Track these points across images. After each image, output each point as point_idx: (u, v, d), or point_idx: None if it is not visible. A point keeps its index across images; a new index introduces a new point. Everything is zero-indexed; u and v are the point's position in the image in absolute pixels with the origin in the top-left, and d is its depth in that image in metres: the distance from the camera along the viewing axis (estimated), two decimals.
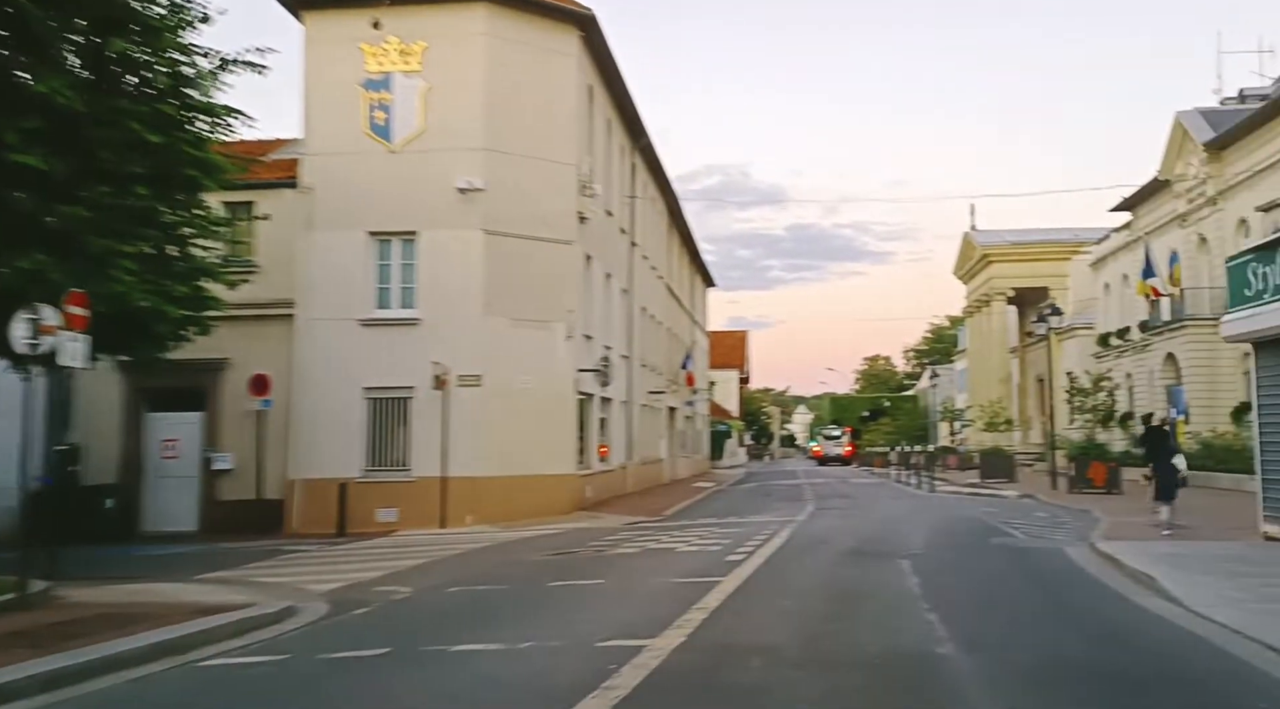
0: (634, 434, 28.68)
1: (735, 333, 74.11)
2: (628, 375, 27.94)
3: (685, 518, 20.88)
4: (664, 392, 32.35)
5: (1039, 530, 16.75)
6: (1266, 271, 12.88)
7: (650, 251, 32.56)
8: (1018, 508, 22.28)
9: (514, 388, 20.61)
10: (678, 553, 13.92)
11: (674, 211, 37.81)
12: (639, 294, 29.83)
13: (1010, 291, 51.40)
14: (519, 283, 20.73)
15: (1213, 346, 32.97)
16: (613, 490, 25.58)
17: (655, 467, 33.51)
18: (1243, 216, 31.90)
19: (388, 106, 20.44)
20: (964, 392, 63.95)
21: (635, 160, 29.10)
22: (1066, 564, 12.20)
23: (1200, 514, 18.54)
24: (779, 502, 25.83)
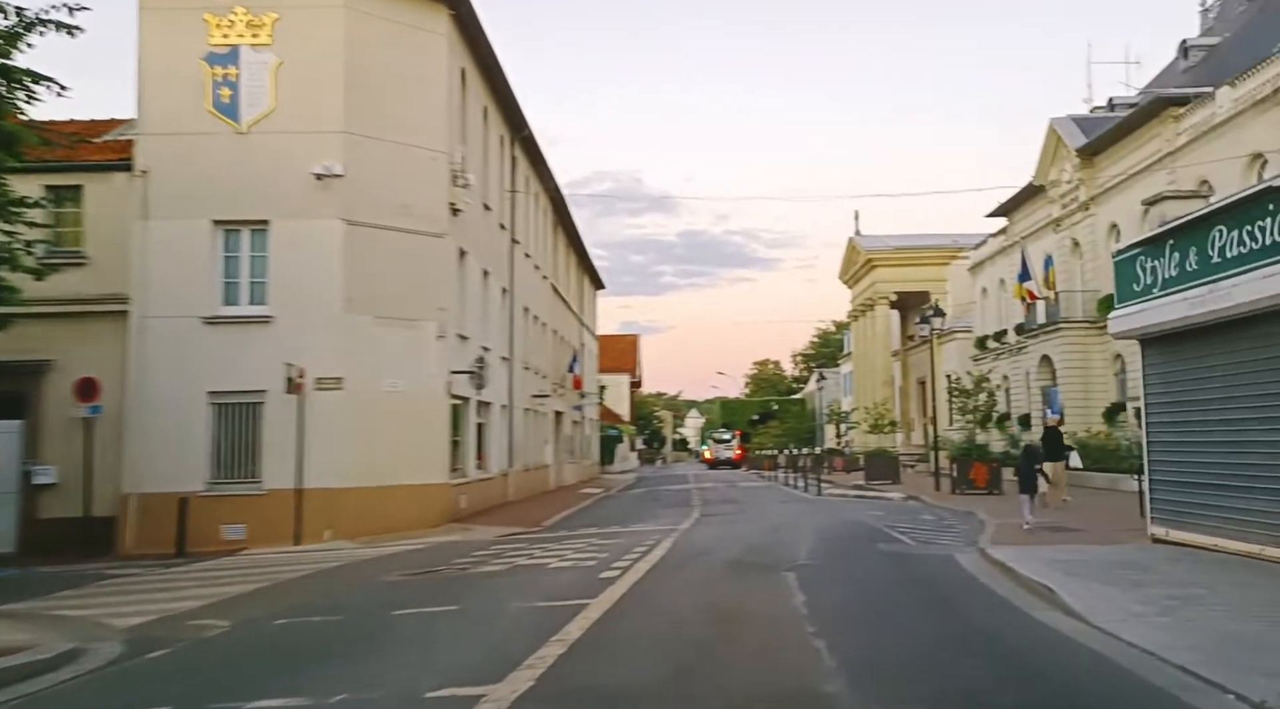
0: (516, 440, 27.19)
1: (626, 337, 73.17)
2: (508, 378, 26.46)
3: (565, 528, 19.55)
4: (549, 395, 30.94)
5: (926, 535, 16.06)
6: (1155, 265, 12.39)
7: (534, 250, 31.13)
8: (904, 511, 21.75)
9: (379, 391, 18.93)
10: (548, 570, 12.58)
11: (560, 211, 36.47)
12: (521, 293, 28.38)
13: (893, 296, 51.90)
14: (385, 278, 19.07)
15: (1086, 348, 33.60)
16: (491, 500, 24.05)
17: (540, 473, 32.06)
18: (1114, 221, 32.53)
19: (234, 83, 18.49)
20: (849, 394, 64.54)
21: (516, 153, 27.65)
22: (959, 573, 11.38)
23: (1084, 514, 18.24)
24: (665, 508, 24.75)
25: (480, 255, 23.09)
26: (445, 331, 19.87)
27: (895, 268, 51.44)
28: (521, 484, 27.89)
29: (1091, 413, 32.99)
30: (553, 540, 16.59)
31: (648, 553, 13.65)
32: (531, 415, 30.19)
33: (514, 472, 26.80)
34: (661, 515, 21.73)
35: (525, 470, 28.98)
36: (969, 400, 27.03)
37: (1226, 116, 25.61)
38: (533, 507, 24.90)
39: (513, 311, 26.79)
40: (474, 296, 22.57)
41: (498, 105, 25.22)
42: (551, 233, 35.33)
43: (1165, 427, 12.82)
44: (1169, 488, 12.75)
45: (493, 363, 24.23)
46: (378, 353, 18.90)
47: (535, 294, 31.29)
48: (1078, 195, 34.53)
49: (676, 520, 19.86)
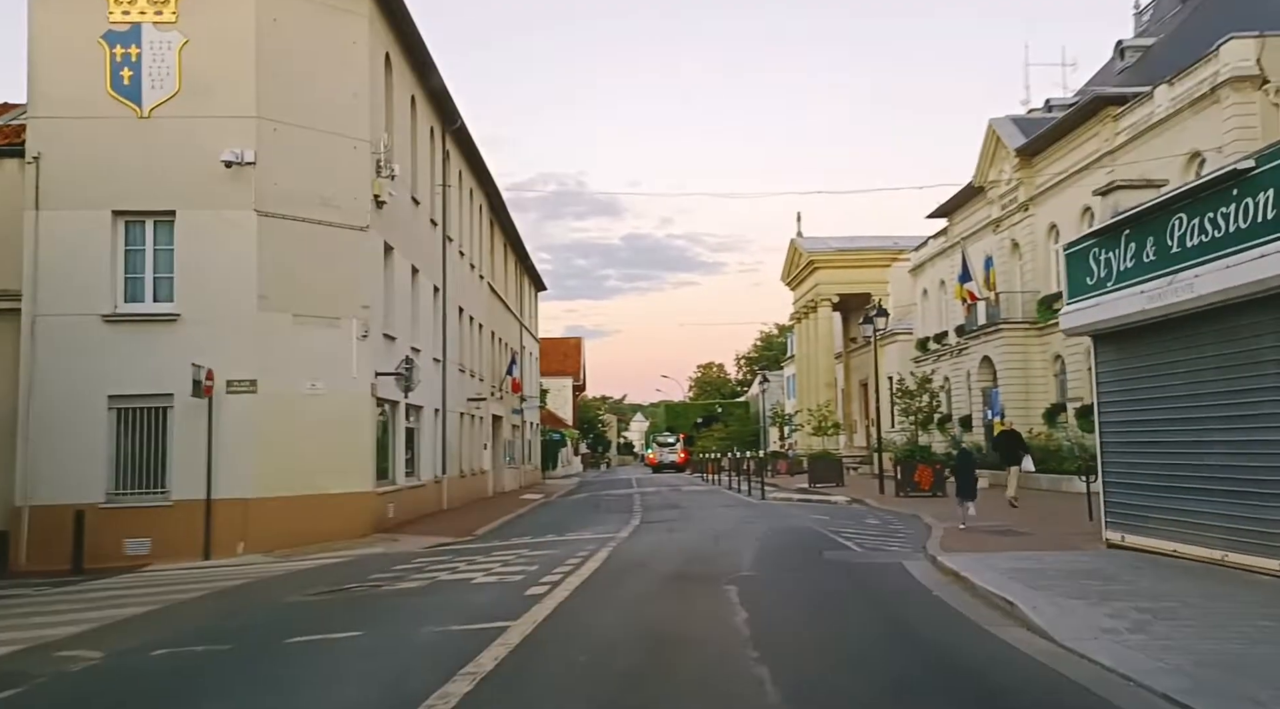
0: (450, 445, 25.97)
1: (570, 340, 72.02)
2: (441, 381, 25.24)
3: (497, 538, 18.45)
4: (484, 398, 29.74)
5: (873, 541, 15.32)
6: (1109, 257, 11.76)
7: (469, 249, 29.94)
8: (849, 514, 21.06)
9: (297, 394, 17.66)
10: (472, 586, 11.50)
11: (497, 209, 35.29)
12: (455, 293, 27.17)
13: (835, 297, 51.60)
14: (303, 273, 17.81)
15: (1026, 349, 33.43)
16: (423, 508, 22.82)
17: (477, 480, 30.84)
18: (1053, 221, 32.40)
19: (135, 63, 17.07)
20: (793, 397, 64.23)
21: (449, 147, 26.45)
22: (911, 584, 10.58)
23: (1030, 516, 17.67)
24: (605, 514, 23.76)
25: (409, 251, 21.88)
26: (370, 331, 18.65)
27: (837, 269, 51.14)
28: (457, 491, 26.68)
29: (1032, 414, 32.80)
30: (482, 552, 15.49)
31: (581, 565, 12.65)
32: (468, 420, 28.99)
33: (448, 478, 25.58)
34: (600, 523, 20.74)
35: (461, 477, 27.76)
36: (912, 402, 26.53)
37: (1165, 115, 25.48)
38: (467, 515, 23.72)
39: (445, 311, 25.59)
40: (402, 295, 21.35)
41: (427, 95, 24.02)
42: (489, 231, 34.14)
43: (1120, 426, 12.21)
44: (1124, 490, 12.15)
45: (423, 365, 23.02)
46: (295, 353, 17.63)
47: (471, 294, 30.10)
48: (1017, 196, 34.39)
49: (616, 528, 18.88)
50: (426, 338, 23.52)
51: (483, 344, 32.25)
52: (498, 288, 35.84)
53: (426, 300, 23.81)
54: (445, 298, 25.59)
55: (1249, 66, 23.03)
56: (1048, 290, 32.71)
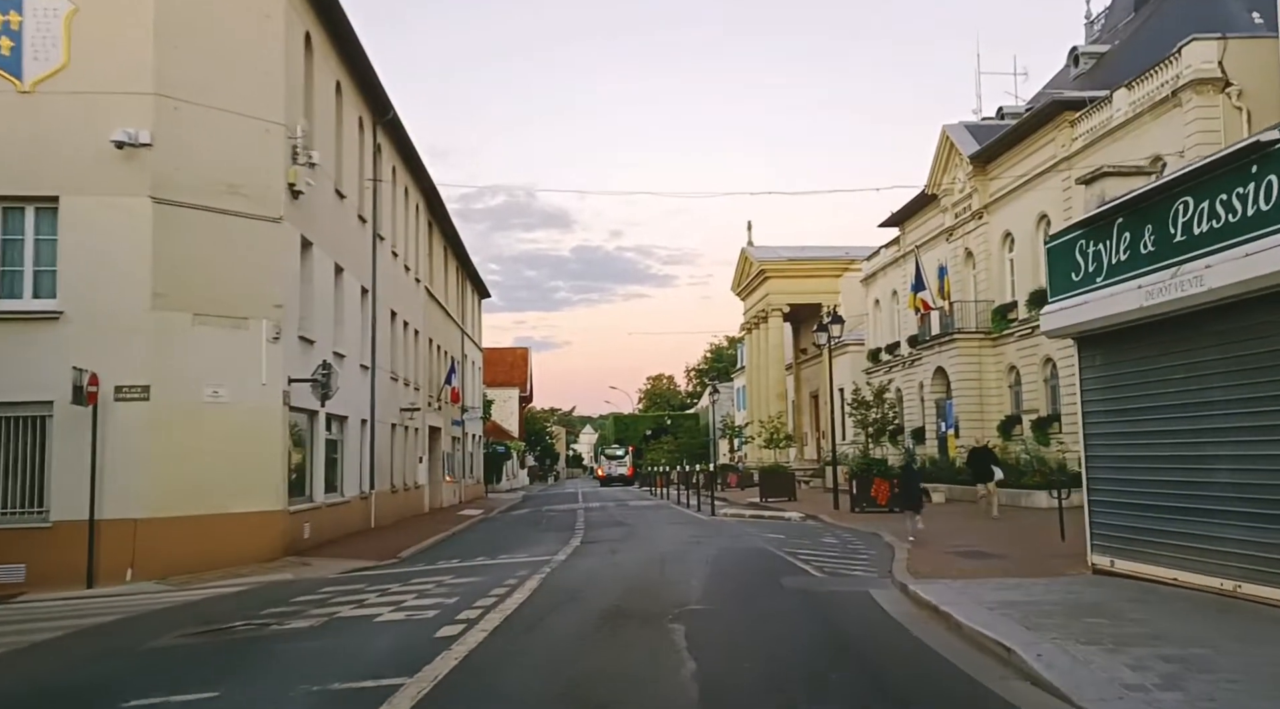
0: (379, 458, 24.08)
1: (516, 350, 70.05)
2: (370, 389, 23.37)
3: (424, 561, 16.67)
4: (419, 408, 27.86)
5: (834, 563, 13.88)
6: (1100, 249, 10.48)
7: (405, 250, 28.12)
8: (804, 532, 19.65)
9: (198, 402, 15.76)
10: (374, 625, 9.78)
11: (437, 211, 33.49)
12: (387, 296, 25.34)
13: (786, 307, 50.51)
14: (205, 268, 15.94)
15: (980, 360, 32.50)
16: (347, 527, 20.91)
17: (412, 495, 28.91)
18: (1007, 229, 31.56)
19: (16, 32, 15.11)
20: (744, 408, 63.05)
21: (380, 140, 24.66)
22: (884, 621, 9.12)
23: (998, 536, 16.38)
24: (545, 533, 22.07)
25: (331, 248, 20.04)
26: (283, 333, 16.79)
27: (788, 279, 50.06)
28: (388, 508, 24.77)
29: (987, 426, 31.83)
30: (400, 579, 13.73)
31: (507, 597, 10.99)
32: (401, 431, 27.09)
33: (378, 494, 23.68)
34: (538, 542, 19.06)
35: (393, 492, 25.85)
36: (867, 413, 25.29)
37: (1124, 119, 24.67)
38: (396, 533, 21.85)
39: (375, 315, 23.73)
40: (323, 294, 19.50)
41: (355, 82, 22.21)
42: (426, 234, 32.31)
43: (1108, 439, 10.92)
44: (1112, 510, 10.84)
45: (349, 372, 21.17)
46: (196, 357, 15.73)
47: (406, 298, 28.26)
48: (970, 203, 33.54)
49: (554, 549, 17.21)
50: (352, 342, 21.67)
51: (419, 351, 30.38)
52: (437, 293, 33.99)
53: (353, 302, 21.96)
54: (375, 300, 23.75)
55: (1211, 69, 22.26)
56: (1003, 300, 31.84)
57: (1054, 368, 28.65)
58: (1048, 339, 29.12)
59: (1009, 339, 31.11)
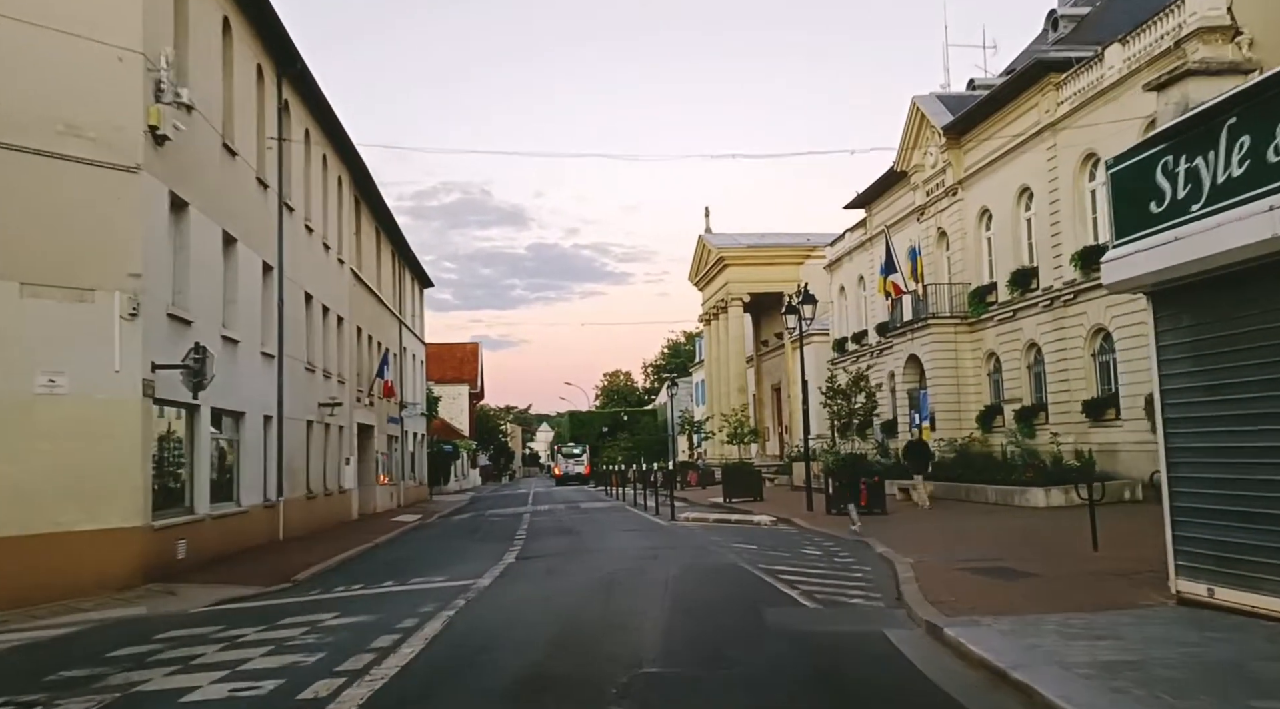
0: (290, 460, 20.72)
1: (466, 345, 66.39)
2: (277, 380, 19.99)
3: (318, 586, 13.43)
4: (339, 402, 24.43)
5: (825, 585, 10.93)
6: (1197, 166, 7.58)
7: (324, 226, 24.72)
8: (779, 540, 16.70)
9: (27, 394, 12.37)
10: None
11: (366, 189, 30.07)
12: (301, 276, 21.96)
13: (746, 296, 47.72)
14: (33, 227, 12.55)
15: (957, 346, 29.88)
16: (244, 541, 17.54)
17: (336, 501, 25.50)
18: (985, 206, 28.97)
19: None
20: (702, 404, 60.23)
21: (287, 96, 21.23)
22: (926, 693, 6.13)
23: (1016, 546, 13.51)
24: (479, 544, 18.89)
25: (217, 212, 16.62)
26: (143, 308, 13.41)
27: (748, 267, 47.28)
28: (301, 517, 21.40)
29: (965, 417, 29.24)
30: (271, 616, 10.48)
31: (389, 654, 7.83)
32: (320, 429, 23.69)
33: (287, 502, 20.29)
34: (466, 558, 15.88)
35: (309, 498, 22.46)
36: (846, 403, 22.42)
37: (1117, 78, 22.11)
38: (305, 548, 18.50)
39: (283, 296, 20.33)
40: (205, 266, 16.10)
41: (248, 21, 18.68)
42: (353, 211, 28.85)
43: (1199, 426, 8.05)
44: (1208, 521, 7.98)
45: (245, 359, 17.82)
46: (23, 337, 12.34)
47: (326, 280, 24.84)
48: (944, 179, 30.93)
49: (481, 568, 14.04)
50: (249, 326, 18.28)
51: (344, 341, 26.96)
52: (367, 278, 30.55)
53: (250, 279, 18.56)
54: (282, 279, 20.35)
55: (1219, 15, 19.68)
56: (980, 281, 29.26)
57: (1038, 353, 26.10)
58: (1029, 323, 26.68)
59: (988, 324, 28.54)
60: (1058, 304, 24.78)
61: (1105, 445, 22.69)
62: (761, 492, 28.23)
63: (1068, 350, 24.41)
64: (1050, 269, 25.17)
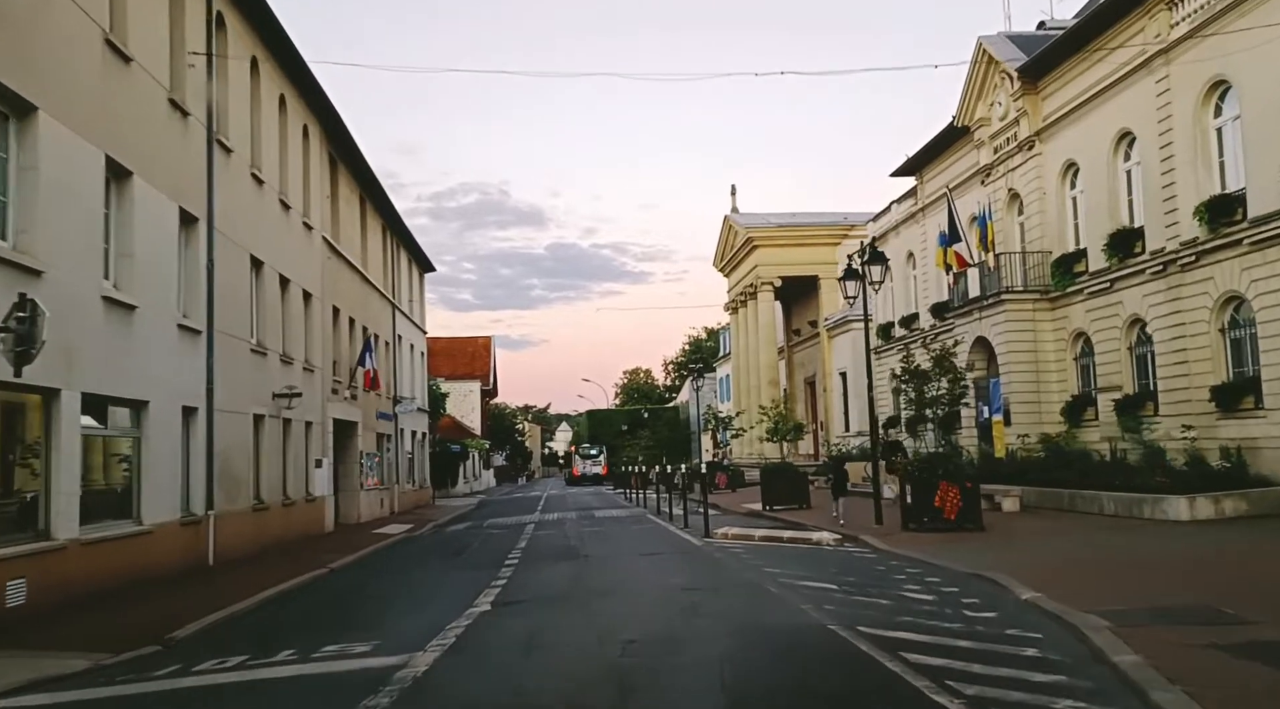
0: (228, 463, 16.20)
1: (478, 339, 61.79)
2: (205, 363, 15.45)
3: (185, 658, 8.79)
4: (298, 393, 19.68)
5: (993, 675, 6.17)
6: None
7: (281, 181, 20.19)
8: (862, 572, 11.89)
9: None
10: None
11: (342, 146, 25.57)
12: (246, 236, 17.44)
13: (777, 281, 42.86)
14: None
15: (1035, 326, 24.95)
16: (143, 570, 12.96)
17: (300, 512, 20.95)
18: (1070, 159, 24.04)
19: None
20: (728, 399, 55.32)
21: (222, 7, 16.62)
22: None
23: (1225, 583, 8.66)
24: (456, 572, 14.23)
25: (91, 126, 11.98)
26: None
27: (779, 248, 42.45)
28: (247, 532, 16.86)
29: (1046, 409, 24.32)
30: None
31: None
32: (274, 425, 19.13)
33: (222, 515, 15.74)
34: (425, 603, 11.21)
35: (257, 510, 17.89)
36: (928, 388, 17.62)
37: None
38: (229, 579, 13.90)
39: (213, 257, 15.78)
40: (69, 197, 11.48)
41: None
42: (326, 172, 24.30)
43: None
44: None
45: (150, 331, 13.28)
46: None
47: (284, 247, 20.29)
48: (1016, 132, 26.00)
49: (435, 624, 9.31)
50: (153, 288, 13.69)
51: (315, 322, 22.41)
52: (348, 253, 26.03)
53: (156, 228, 13.98)
54: (212, 235, 15.80)
55: None
56: (1064, 249, 24.36)
57: (1143, 331, 21.17)
58: (1132, 295, 21.44)
59: (1075, 298, 23.63)
60: (1172, 270, 19.84)
61: (1239, 441, 17.73)
62: (809, 497, 23.46)
63: (1187, 325, 19.44)
64: (1160, 228, 20.25)
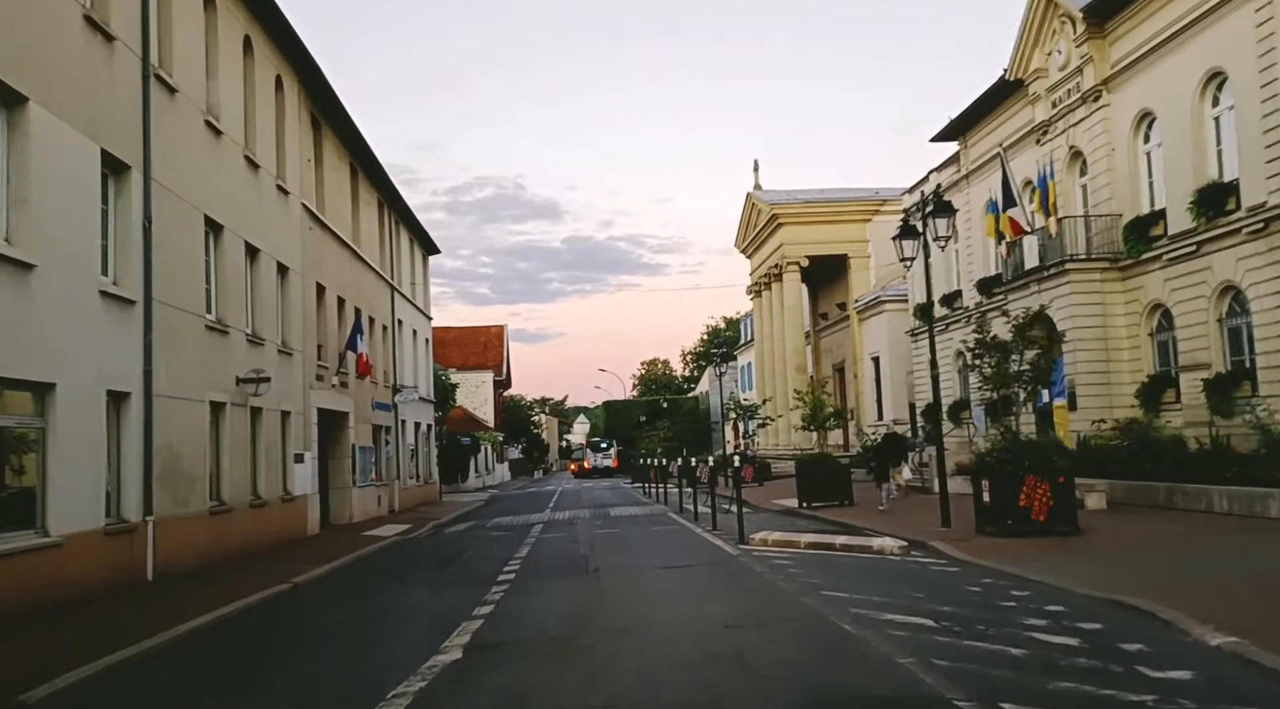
0: (172, 459, 13.53)
1: (490, 328, 59.06)
2: (143, 339, 12.78)
3: None
4: (265, 377, 16.86)
5: None
6: None
7: (242, 133, 17.49)
8: (954, 596, 8.99)
9: None
10: None
11: (332, 114, 22.87)
12: (193, 191, 14.73)
13: (804, 260, 39.86)
14: None
15: (1104, 298, 21.88)
16: (48, 592, 10.32)
17: (275, 514, 18.28)
18: (1145, 107, 20.97)
19: None
20: (750, 388, 52.37)
21: None
22: None
23: None
24: (436, 594, 11.44)
25: None
26: None
27: (806, 226, 39.44)
28: (201, 540, 14.21)
29: (1116, 392, 21.32)
30: None
31: None
32: (239, 415, 16.45)
33: (164, 521, 13.07)
34: (380, 644, 8.46)
35: (215, 513, 15.20)
36: (1008, 359, 14.69)
37: None
38: (167, 598, 11.24)
39: (151, 213, 13.07)
40: None
41: None
42: (307, 131, 21.55)
43: None
44: None
45: (56, 296, 10.60)
46: None
47: (252, 210, 17.58)
48: (1079, 82, 22.92)
49: (377, 688, 6.57)
50: (61, 244, 10.98)
51: (292, 300, 19.70)
52: (336, 225, 23.32)
53: (65, 171, 11.26)
54: (149, 186, 13.09)
55: None
56: (1137, 210, 21.31)
57: (1237, 300, 18.16)
58: (1224, 259, 17.91)
59: (1151, 266, 20.59)
60: (1275, 227, 16.81)
61: None
62: (851, 493, 20.59)
63: None
64: (1260, 181, 17.21)
